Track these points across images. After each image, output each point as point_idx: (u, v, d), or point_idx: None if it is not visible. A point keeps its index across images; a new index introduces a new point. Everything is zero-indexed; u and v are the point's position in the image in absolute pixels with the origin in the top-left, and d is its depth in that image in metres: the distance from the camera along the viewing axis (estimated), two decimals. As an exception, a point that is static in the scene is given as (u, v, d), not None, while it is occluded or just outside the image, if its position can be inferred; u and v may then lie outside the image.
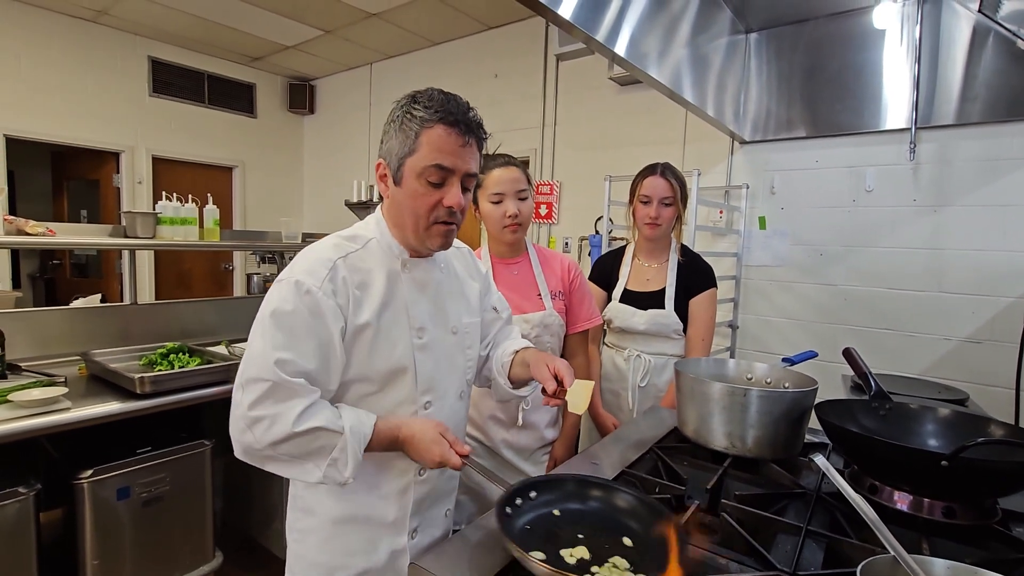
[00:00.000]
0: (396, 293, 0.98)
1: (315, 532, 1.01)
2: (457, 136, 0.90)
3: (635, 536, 0.85)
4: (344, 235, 0.99)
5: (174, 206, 2.39)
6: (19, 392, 1.63)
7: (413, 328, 0.98)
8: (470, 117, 0.92)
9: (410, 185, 0.92)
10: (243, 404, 0.86)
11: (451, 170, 0.92)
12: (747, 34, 2.89)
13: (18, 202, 5.53)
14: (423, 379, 0.99)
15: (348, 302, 0.91)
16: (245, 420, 0.86)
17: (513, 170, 1.50)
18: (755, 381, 1.35)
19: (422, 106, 0.90)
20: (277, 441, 0.85)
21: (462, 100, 0.93)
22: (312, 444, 0.87)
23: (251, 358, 0.87)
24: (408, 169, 0.92)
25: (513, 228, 1.50)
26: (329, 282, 0.90)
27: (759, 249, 3.05)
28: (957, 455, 0.85)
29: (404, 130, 0.91)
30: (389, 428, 0.93)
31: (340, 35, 4.68)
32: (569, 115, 4.00)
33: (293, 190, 6.22)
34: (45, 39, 4.44)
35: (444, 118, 0.90)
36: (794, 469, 1.20)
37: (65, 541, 1.80)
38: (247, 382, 0.86)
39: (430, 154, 0.90)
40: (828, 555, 0.85)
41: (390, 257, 0.99)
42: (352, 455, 0.87)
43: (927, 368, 2.56)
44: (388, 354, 0.96)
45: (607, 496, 0.93)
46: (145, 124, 5.06)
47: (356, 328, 0.92)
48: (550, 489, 0.93)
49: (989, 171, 2.43)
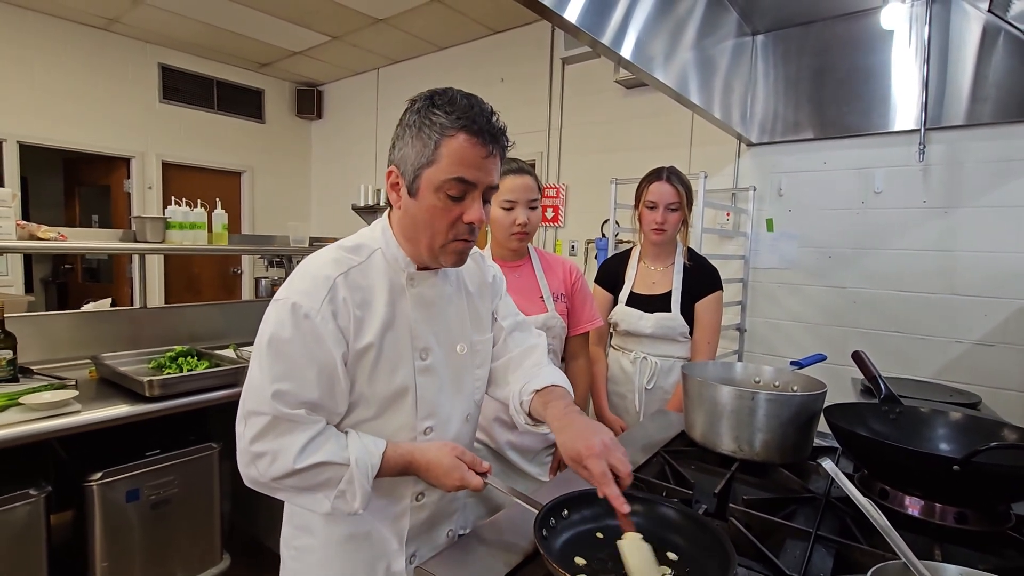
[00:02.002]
0: (399, 311, 0.91)
1: (314, 552, 0.97)
2: (481, 147, 0.82)
3: (680, 550, 0.81)
4: (346, 246, 0.92)
5: (183, 211, 2.41)
6: (30, 395, 1.65)
7: (416, 349, 0.92)
8: (494, 124, 0.84)
9: (427, 199, 0.84)
10: (245, 438, 0.83)
11: (473, 184, 0.84)
12: (754, 36, 2.89)
13: (31, 208, 5.61)
14: (424, 404, 0.93)
15: (349, 323, 0.85)
16: (248, 455, 0.83)
17: (526, 178, 1.51)
18: (763, 384, 1.34)
19: (443, 112, 0.82)
20: (280, 476, 0.82)
21: (485, 104, 0.85)
22: (317, 478, 0.83)
23: (250, 389, 0.84)
24: (426, 181, 0.84)
25: (520, 236, 1.53)
26: (328, 303, 0.83)
27: (767, 251, 3.04)
28: (969, 460, 0.84)
29: (422, 138, 0.83)
30: (400, 455, 0.88)
31: (347, 41, 4.71)
32: (575, 118, 4.00)
33: (301, 194, 6.27)
34: (58, 47, 4.52)
35: (467, 126, 0.81)
36: (803, 473, 1.18)
37: (75, 543, 1.81)
38: (247, 415, 0.83)
39: (451, 167, 0.82)
40: (838, 561, 0.84)
41: (395, 271, 0.92)
42: (360, 487, 0.84)
43: (938, 371, 2.53)
44: (389, 378, 0.90)
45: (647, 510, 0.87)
46: (155, 130, 5.12)
47: (358, 352, 0.87)
48: (584, 506, 0.87)
49: (1000, 172, 2.40)
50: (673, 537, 0.84)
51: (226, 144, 5.62)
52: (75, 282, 5.67)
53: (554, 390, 0.99)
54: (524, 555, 0.83)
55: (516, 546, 0.85)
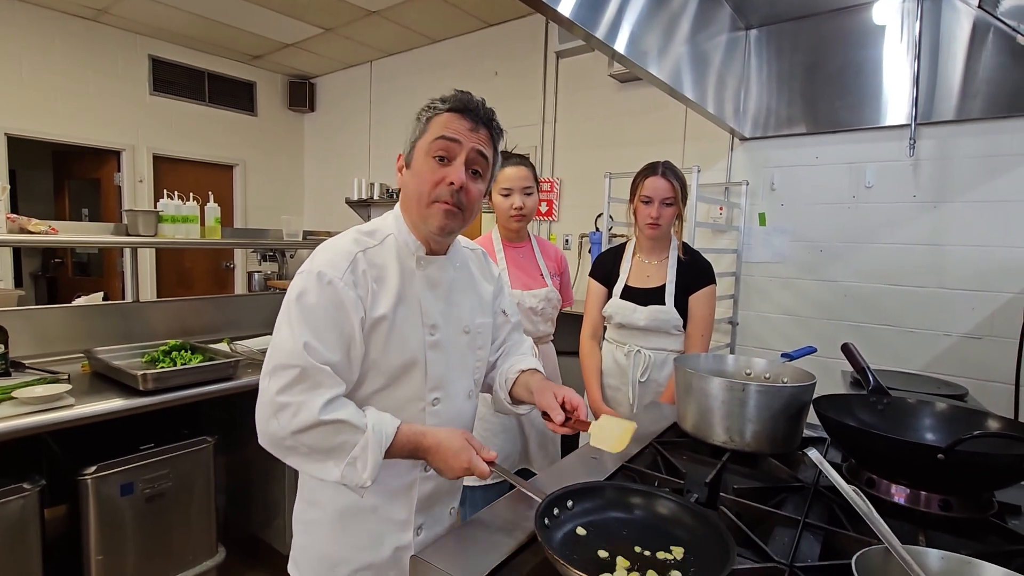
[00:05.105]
0: (410, 290, 0.99)
1: (321, 524, 1.01)
2: (465, 120, 0.95)
3: (684, 543, 0.81)
4: (363, 230, 1.01)
5: (175, 204, 2.40)
6: (23, 389, 1.64)
7: (426, 325, 0.99)
8: (480, 106, 0.96)
9: (418, 164, 0.96)
10: (270, 390, 0.86)
11: (456, 142, 0.94)
12: (747, 31, 2.89)
13: (19, 201, 5.54)
14: (433, 375, 1.00)
15: (367, 294, 0.93)
16: (272, 406, 0.86)
17: (522, 169, 1.81)
18: (754, 376, 1.36)
19: (439, 100, 0.96)
20: (301, 429, 0.85)
21: (477, 97, 0.98)
22: (334, 438, 0.86)
23: (279, 346, 0.89)
24: (418, 150, 0.96)
25: (518, 218, 1.83)
26: (350, 273, 0.92)
27: (759, 246, 3.06)
28: (953, 448, 0.86)
29: (418, 119, 0.98)
30: (413, 433, 0.91)
31: (340, 33, 4.68)
32: (569, 112, 4.00)
33: (294, 188, 6.23)
34: (45, 38, 4.45)
35: (454, 107, 0.95)
36: (792, 463, 1.20)
37: (69, 537, 1.81)
38: (275, 369, 0.87)
39: (437, 131, 0.94)
40: (825, 547, 0.86)
41: (406, 254, 1.00)
42: (372, 456, 0.86)
43: (927, 364, 2.57)
44: (400, 348, 0.96)
45: (648, 503, 0.88)
46: (146, 123, 5.07)
47: (373, 320, 0.93)
48: (588, 498, 0.88)
49: (989, 167, 2.43)
50: (675, 531, 0.84)
51: (218, 137, 5.58)
52: (65, 276, 5.62)
53: (536, 372, 1.14)
54: (519, 544, 0.84)
55: (513, 534, 0.87)
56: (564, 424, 0.99)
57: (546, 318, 1.89)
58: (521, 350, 1.22)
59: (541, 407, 1.03)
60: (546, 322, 1.90)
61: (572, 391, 1.02)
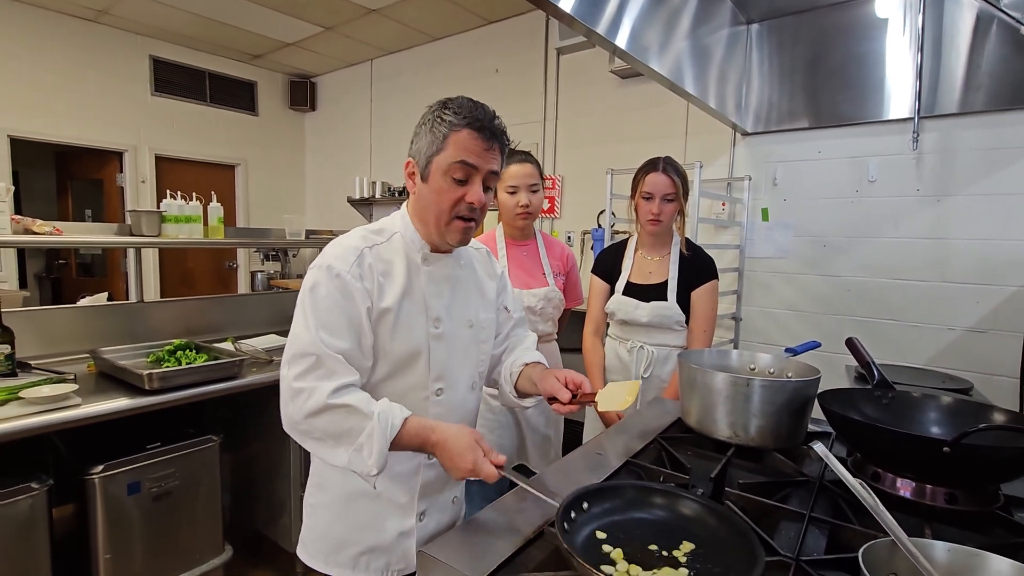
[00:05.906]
0: (415, 284, 1.03)
1: (327, 507, 1.06)
2: (482, 141, 0.97)
3: (700, 540, 0.81)
4: (371, 228, 1.05)
5: (179, 204, 2.40)
6: (30, 389, 1.65)
7: (430, 318, 1.03)
8: (495, 124, 0.99)
9: (436, 181, 0.99)
10: (288, 377, 0.93)
11: (475, 167, 0.98)
12: (748, 25, 2.88)
13: (23, 203, 5.54)
14: (436, 366, 1.04)
15: (374, 286, 0.98)
16: (290, 392, 0.92)
17: (528, 166, 1.79)
18: (758, 371, 1.36)
19: (452, 112, 0.97)
20: (313, 412, 0.90)
21: (489, 109, 1.00)
22: (343, 423, 0.90)
23: (296, 335, 0.94)
24: (435, 166, 0.98)
25: (523, 216, 1.80)
26: (357, 267, 0.97)
27: (762, 241, 3.05)
28: (958, 441, 0.85)
29: (434, 132, 0.98)
30: (421, 426, 0.93)
31: (340, 31, 4.67)
32: (570, 109, 3.99)
33: (296, 187, 6.24)
34: (46, 39, 4.46)
35: (471, 123, 0.96)
36: (797, 458, 1.20)
37: (77, 536, 1.82)
38: (293, 357, 0.93)
39: (456, 153, 0.96)
40: (831, 541, 0.86)
41: (412, 251, 1.05)
42: (377, 444, 0.88)
43: (931, 358, 2.57)
44: (405, 339, 1.01)
45: (670, 503, 0.88)
46: (147, 123, 5.08)
47: (380, 311, 0.98)
48: (604, 499, 0.88)
49: (993, 160, 2.42)
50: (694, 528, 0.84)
51: (219, 137, 5.58)
52: (69, 277, 5.65)
53: (539, 364, 1.18)
54: (525, 539, 0.84)
55: (519, 530, 0.87)
56: (571, 402, 1.02)
57: (546, 318, 1.87)
58: (525, 344, 1.26)
59: (546, 393, 1.06)
60: (546, 322, 1.88)
61: (573, 371, 1.06)
